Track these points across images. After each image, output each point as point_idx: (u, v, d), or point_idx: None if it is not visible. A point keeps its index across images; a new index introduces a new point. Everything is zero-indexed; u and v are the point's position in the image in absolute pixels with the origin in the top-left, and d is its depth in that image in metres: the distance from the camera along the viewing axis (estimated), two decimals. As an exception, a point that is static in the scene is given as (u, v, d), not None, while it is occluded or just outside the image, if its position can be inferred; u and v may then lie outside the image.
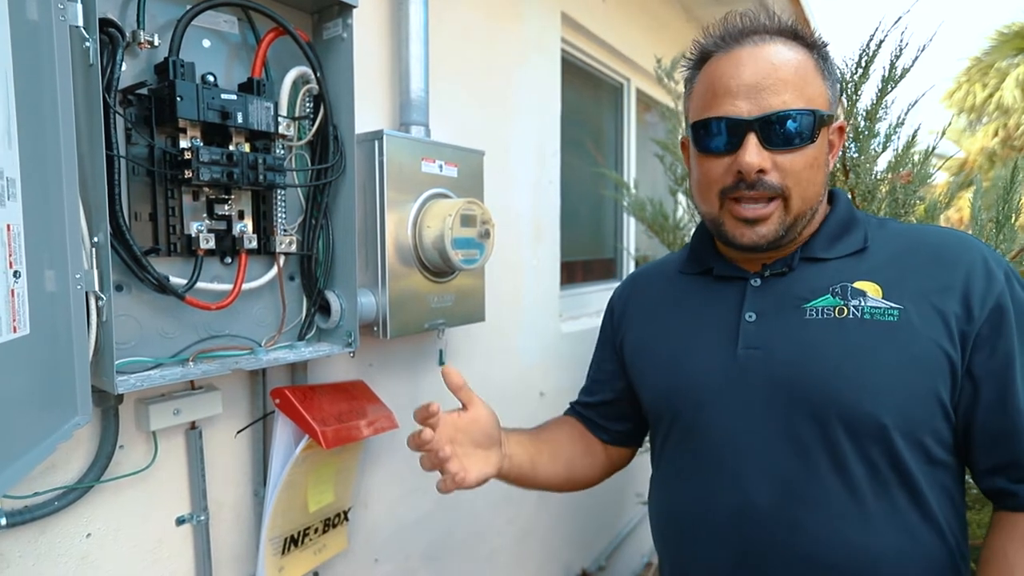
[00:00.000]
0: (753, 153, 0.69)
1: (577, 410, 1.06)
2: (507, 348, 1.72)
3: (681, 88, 2.17)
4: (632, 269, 2.75)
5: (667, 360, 0.84)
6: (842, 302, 0.71)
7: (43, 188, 0.67)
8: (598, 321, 2.32)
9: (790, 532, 0.71)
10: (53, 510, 0.79)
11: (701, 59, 0.78)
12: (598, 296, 2.47)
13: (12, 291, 0.58)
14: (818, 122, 0.70)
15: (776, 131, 0.69)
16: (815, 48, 0.73)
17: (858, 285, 0.71)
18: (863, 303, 0.70)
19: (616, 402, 1.00)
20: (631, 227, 2.72)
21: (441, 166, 1.26)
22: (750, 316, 0.76)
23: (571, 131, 2.12)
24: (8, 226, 0.58)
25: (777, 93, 0.69)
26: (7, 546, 0.76)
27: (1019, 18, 10.98)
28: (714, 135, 0.72)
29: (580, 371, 2.10)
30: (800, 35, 0.73)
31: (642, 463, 2.72)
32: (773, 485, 0.72)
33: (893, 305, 0.69)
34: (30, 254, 0.62)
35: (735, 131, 0.71)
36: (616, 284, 2.82)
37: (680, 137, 0.86)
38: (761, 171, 0.70)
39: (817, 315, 0.72)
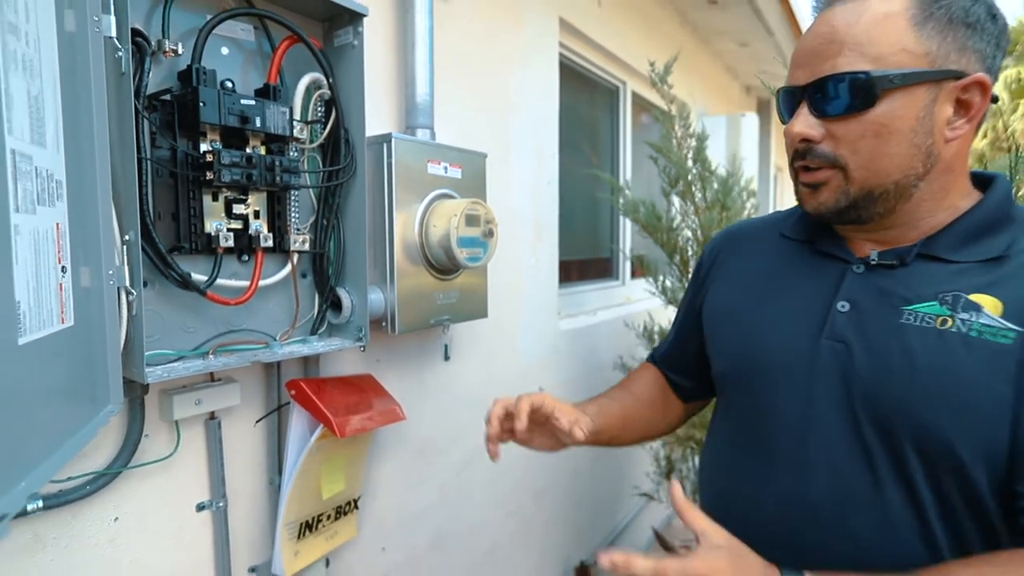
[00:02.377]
0: (799, 122, 0.66)
1: (657, 361, 1.04)
2: (508, 344, 1.77)
3: (676, 91, 2.23)
4: (628, 268, 2.80)
5: (746, 328, 0.78)
6: (949, 312, 0.62)
7: (80, 189, 0.72)
8: (595, 319, 2.37)
9: (842, 533, 0.67)
10: (84, 494, 0.84)
11: None
12: (595, 295, 2.53)
13: (60, 285, 0.62)
14: (879, 83, 0.60)
15: (822, 98, 0.64)
16: None
17: (974, 297, 0.61)
18: (974, 318, 0.60)
19: (692, 358, 0.95)
20: (626, 228, 2.77)
21: (446, 168, 1.31)
22: (843, 306, 0.69)
23: (569, 133, 2.17)
24: (56, 225, 0.62)
25: (830, 57, 0.63)
26: (43, 529, 0.81)
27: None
28: (781, 106, 0.71)
29: (578, 367, 2.17)
30: None
31: (638, 456, 2.76)
32: (831, 483, 0.68)
33: (1012, 327, 0.59)
34: (72, 251, 0.67)
35: (792, 100, 0.68)
36: (613, 283, 2.87)
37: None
38: (810, 140, 0.66)
39: (915, 321, 0.63)
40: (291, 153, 1.04)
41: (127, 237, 0.80)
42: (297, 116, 1.04)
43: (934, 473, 0.62)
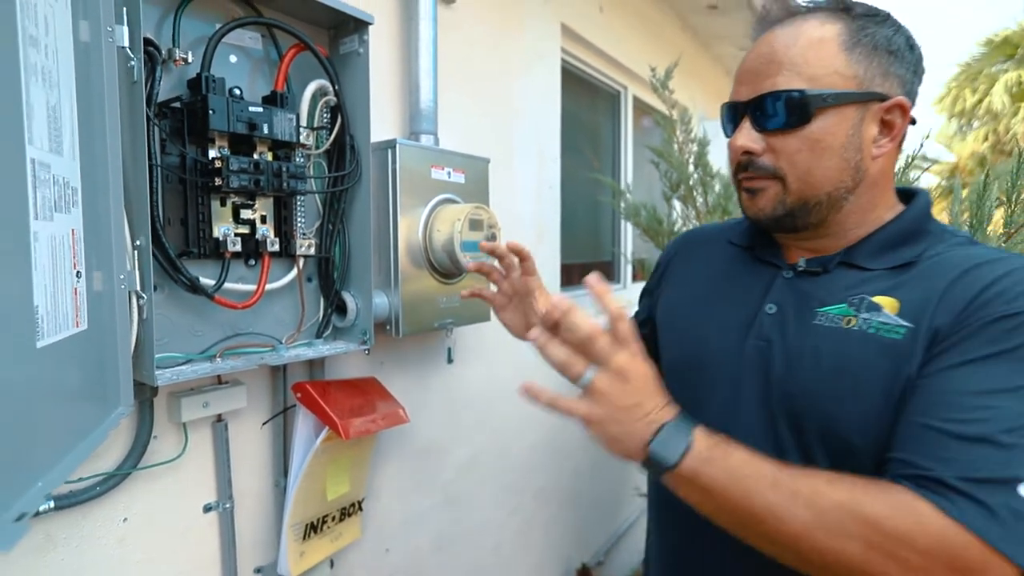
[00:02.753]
0: (741, 136, 0.70)
1: None
2: (511, 347, 1.78)
3: (677, 96, 2.24)
4: (629, 272, 2.82)
5: (690, 327, 0.83)
6: (854, 313, 0.67)
7: (93, 196, 0.73)
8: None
9: None
10: (95, 495, 0.85)
11: None
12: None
13: (75, 290, 0.64)
14: (814, 101, 0.66)
15: (762, 113, 0.69)
16: (856, 19, 0.68)
17: (877, 299, 0.66)
18: (874, 317, 0.65)
19: (651, 350, 0.94)
20: (628, 231, 2.79)
21: (449, 173, 1.32)
22: (770, 308, 0.74)
23: (570, 137, 2.19)
24: (72, 231, 0.64)
25: (770, 75, 0.68)
26: (55, 528, 0.82)
27: (1007, 25, 11.15)
28: (723, 120, 0.76)
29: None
30: (843, 8, 0.69)
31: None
32: None
33: (904, 323, 0.63)
34: (85, 256, 0.68)
35: (734, 115, 0.73)
36: (615, 286, 2.88)
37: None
38: (751, 152, 0.70)
39: (826, 321, 0.69)
40: (297, 159, 1.06)
41: (138, 242, 0.81)
42: (303, 123, 1.06)
43: (834, 461, 0.65)
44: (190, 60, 0.91)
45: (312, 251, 1.10)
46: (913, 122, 0.70)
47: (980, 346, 0.58)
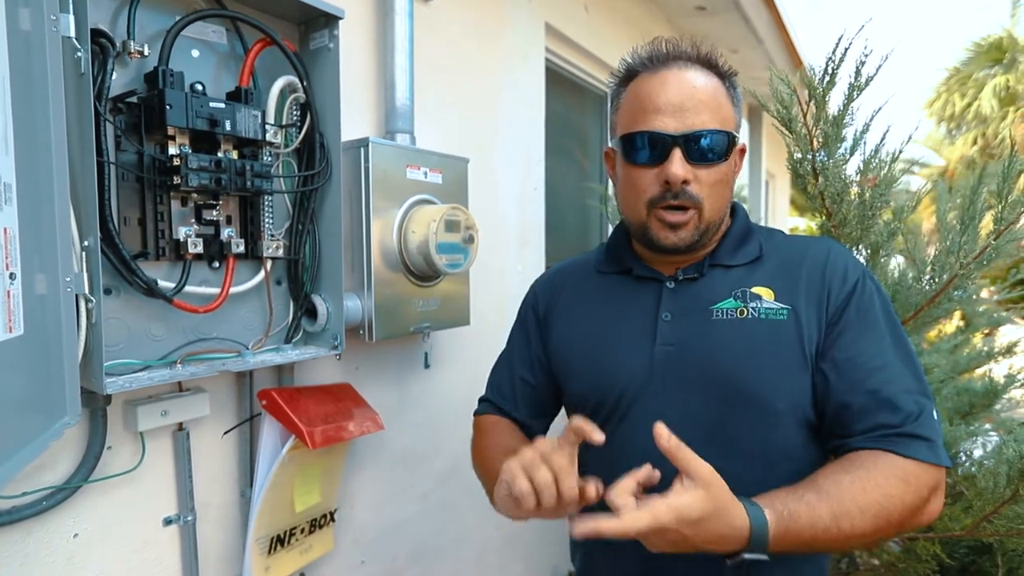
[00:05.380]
0: (679, 166, 0.77)
1: (504, 410, 1.01)
2: (492, 351, 1.73)
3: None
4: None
5: (592, 355, 0.89)
6: (742, 304, 0.81)
7: (35, 193, 0.69)
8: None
9: None
10: (40, 510, 0.81)
11: (628, 76, 0.85)
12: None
13: (8, 292, 0.60)
14: (730, 142, 0.79)
15: (697, 148, 0.77)
16: (726, 77, 0.82)
17: (755, 290, 0.82)
18: (760, 305, 0.80)
19: (548, 395, 0.99)
20: (616, 233, 2.75)
21: (426, 173, 1.29)
22: (666, 316, 0.84)
23: (556, 139, 2.16)
24: (4, 230, 0.60)
25: (698, 113, 0.77)
26: (-5, 545, 0.78)
27: (995, 31, 11.27)
28: (641, 148, 0.79)
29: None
30: (714, 64, 0.81)
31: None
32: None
33: (784, 306, 0.80)
34: (23, 257, 0.64)
35: (662, 145, 0.78)
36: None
37: (604, 148, 0.90)
38: (685, 182, 0.78)
39: (723, 316, 0.81)
40: (265, 158, 1.02)
41: (86, 243, 0.77)
42: (271, 120, 1.02)
43: (762, 428, 0.78)
44: (147, 53, 0.87)
45: (281, 253, 1.06)
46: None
47: (854, 324, 0.78)
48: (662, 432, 0.64)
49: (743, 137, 3.52)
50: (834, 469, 0.72)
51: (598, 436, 0.65)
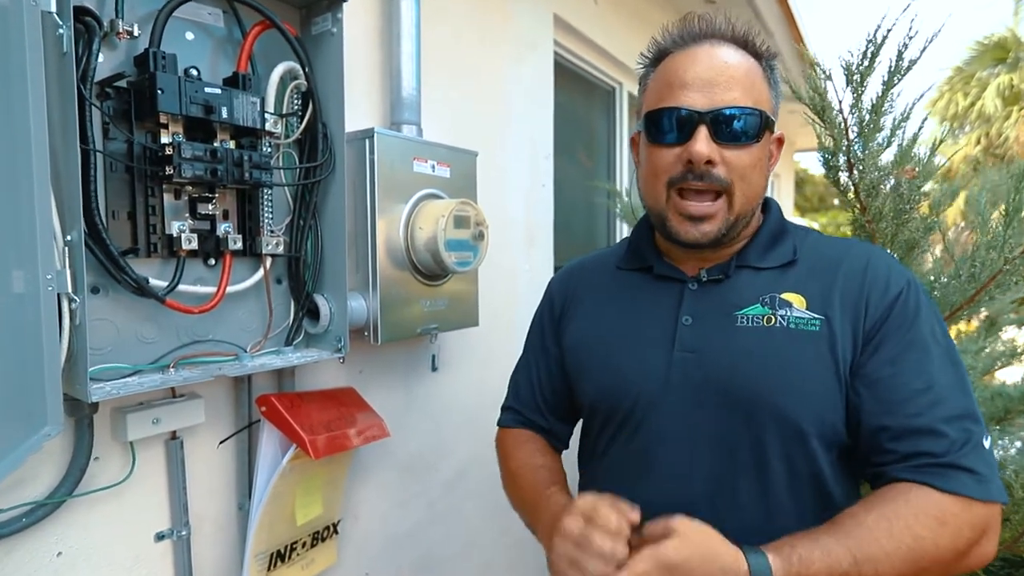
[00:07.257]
0: (703, 143, 0.71)
1: (529, 419, 0.96)
2: (501, 353, 1.68)
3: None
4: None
5: (607, 357, 0.84)
6: (770, 311, 0.75)
7: (11, 182, 0.63)
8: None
9: (719, 528, 0.68)
10: (20, 527, 0.75)
11: (658, 57, 0.79)
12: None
13: (-27, 290, 0.54)
14: (764, 123, 0.73)
15: (726, 126, 0.71)
16: (763, 58, 0.77)
17: (785, 296, 0.75)
18: (789, 313, 0.74)
19: (566, 399, 0.94)
20: (624, 232, 2.70)
21: (433, 166, 1.22)
22: (686, 320, 0.78)
23: (564, 134, 2.10)
24: (-31, 220, 0.53)
25: (729, 89, 0.71)
26: (-30, 567, 0.72)
27: (998, 30, 11.21)
28: (666, 126, 0.73)
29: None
30: (751, 43, 0.76)
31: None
32: (705, 484, 0.74)
33: (816, 316, 0.73)
34: (-4, 252, 0.58)
35: (687, 122, 0.72)
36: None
37: (631, 134, 0.84)
38: (709, 163, 0.71)
39: (748, 323, 0.75)
40: (264, 148, 0.96)
41: (69, 237, 0.71)
42: (271, 108, 0.96)
43: (784, 446, 0.72)
44: (137, 34, 0.82)
45: (281, 249, 1.00)
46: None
47: (895, 339, 0.70)
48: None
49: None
50: (860, 507, 0.67)
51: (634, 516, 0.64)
